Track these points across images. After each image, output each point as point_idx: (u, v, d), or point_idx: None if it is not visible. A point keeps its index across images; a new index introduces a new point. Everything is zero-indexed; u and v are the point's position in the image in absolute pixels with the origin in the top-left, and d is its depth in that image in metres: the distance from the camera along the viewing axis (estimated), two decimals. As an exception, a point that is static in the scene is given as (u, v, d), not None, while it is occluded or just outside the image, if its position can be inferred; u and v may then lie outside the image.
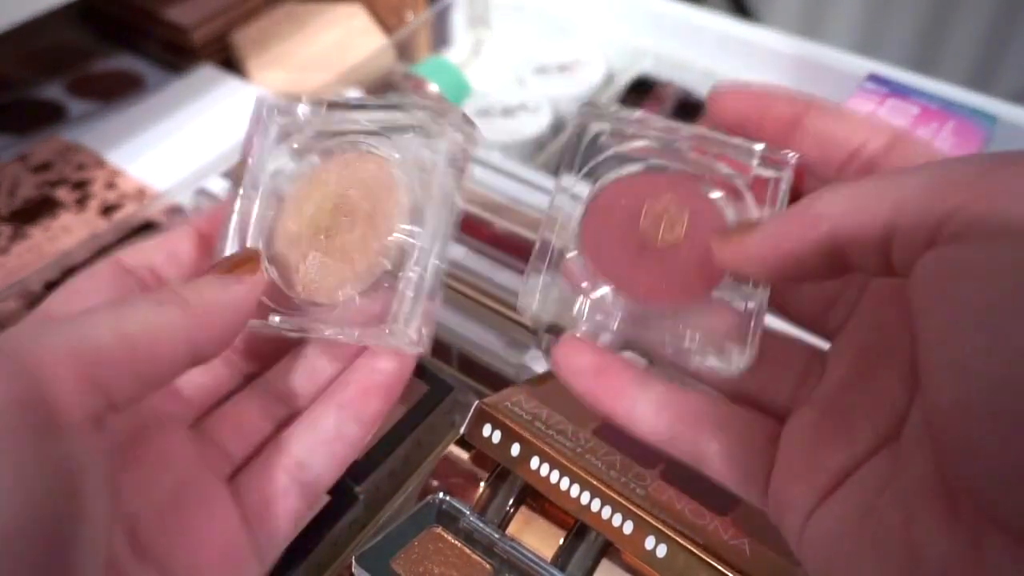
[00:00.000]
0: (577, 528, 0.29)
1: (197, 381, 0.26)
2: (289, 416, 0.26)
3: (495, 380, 0.37)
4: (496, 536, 0.29)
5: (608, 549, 0.29)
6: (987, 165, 0.18)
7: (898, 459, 0.21)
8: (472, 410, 0.30)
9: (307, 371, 0.27)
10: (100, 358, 0.19)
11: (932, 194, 0.19)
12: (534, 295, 0.25)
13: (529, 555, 0.29)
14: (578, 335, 0.25)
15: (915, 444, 0.21)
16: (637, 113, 0.27)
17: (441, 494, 0.30)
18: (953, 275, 0.17)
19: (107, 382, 0.19)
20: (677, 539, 0.26)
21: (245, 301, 0.23)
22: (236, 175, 0.27)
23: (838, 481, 0.22)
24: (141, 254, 0.26)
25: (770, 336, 0.26)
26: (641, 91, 0.53)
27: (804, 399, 0.24)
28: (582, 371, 0.25)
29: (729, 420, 0.24)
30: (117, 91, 0.61)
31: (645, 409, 0.25)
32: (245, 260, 0.25)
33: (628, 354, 0.26)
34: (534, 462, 0.29)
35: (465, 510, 0.30)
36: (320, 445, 0.25)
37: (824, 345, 0.25)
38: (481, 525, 0.29)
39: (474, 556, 0.29)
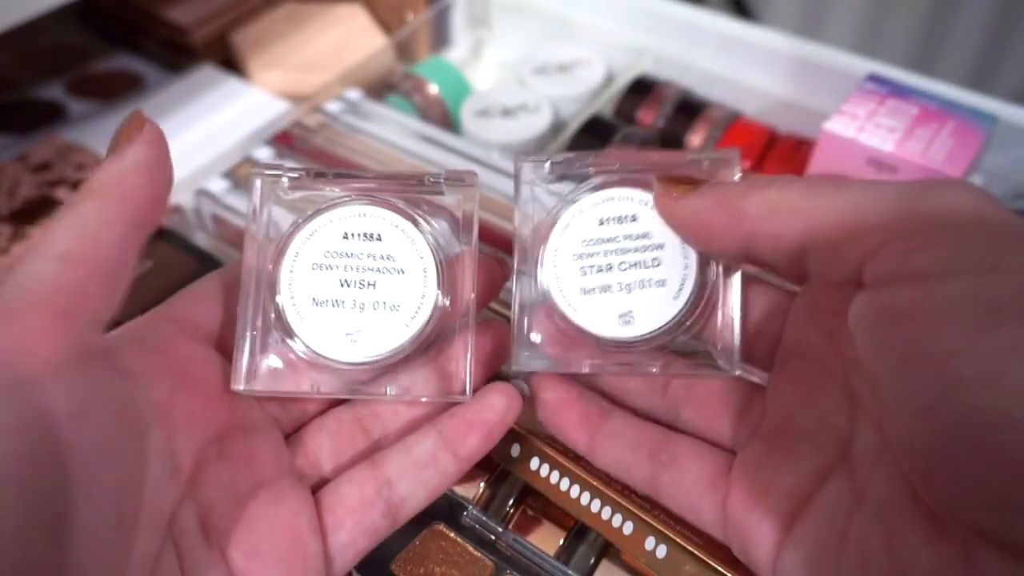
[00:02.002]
0: (577, 529, 0.29)
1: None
2: (383, 431, 0.27)
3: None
4: (500, 530, 0.29)
5: (608, 550, 0.29)
6: (902, 200, 0.19)
7: (855, 482, 0.21)
8: (472, 410, 0.30)
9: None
10: (50, 290, 0.19)
11: (843, 224, 0.19)
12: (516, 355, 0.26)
13: (532, 550, 0.29)
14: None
15: (872, 465, 0.21)
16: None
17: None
18: (894, 322, 0.18)
19: (71, 306, 0.19)
20: (677, 540, 0.26)
21: (149, 156, 0.22)
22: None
23: (794, 507, 0.22)
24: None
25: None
26: (641, 91, 0.53)
27: (749, 432, 0.25)
28: (547, 405, 0.26)
29: (683, 451, 0.25)
30: (117, 91, 0.61)
31: (603, 441, 0.25)
32: (127, 125, 0.23)
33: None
34: (534, 462, 0.29)
35: (467, 504, 0.30)
36: (412, 468, 0.25)
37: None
38: (484, 519, 0.29)
39: (476, 553, 0.29)
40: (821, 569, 0.21)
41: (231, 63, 0.63)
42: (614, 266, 0.25)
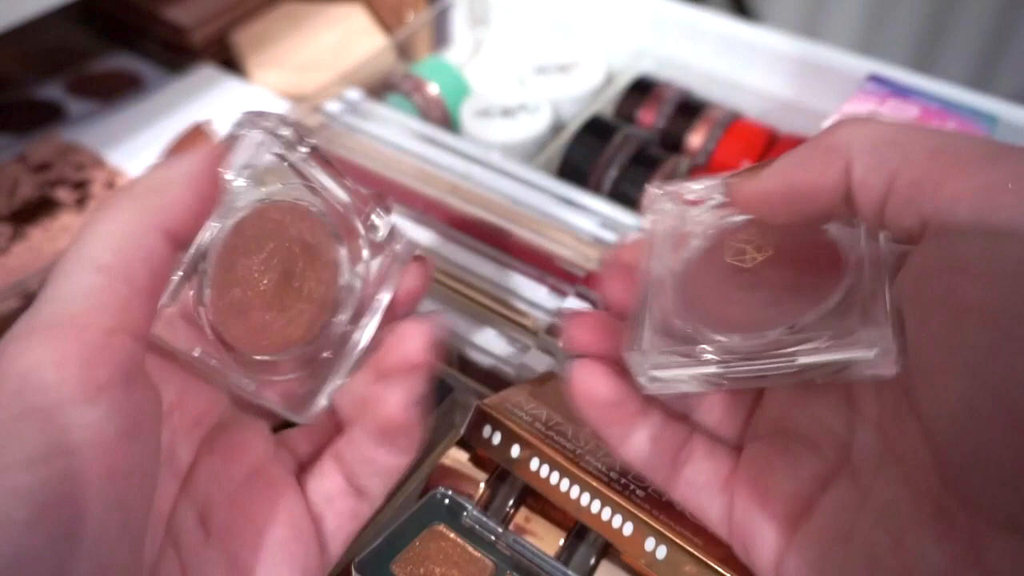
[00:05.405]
0: (577, 529, 0.29)
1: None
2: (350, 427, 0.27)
3: (495, 381, 0.37)
4: (500, 531, 0.29)
5: (608, 550, 0.29)
6: (995, 153, 0.18)
7: (858, 486, 0.21)
8: (472, 411, 0.30)
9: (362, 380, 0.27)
10: (94, 306, 0.18)
11: (935, 164, 0.18)
12: (647, 364, 0.23)
13: (533, 550, 0.29)
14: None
15: (874, 470, 0.21)
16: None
17: (443, 488, 0.30)
18: (956, 272, 0.17)
19: (116, 324, 0.18)
20: (677, 541, 0.26)
21: (200, 170, 0.21)
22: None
23: (798, 511, 0.22)
24: None
25: None
26: (641, 91, 0.53)
27: (752, 435, 0.25)
28: (586, 397, 0.25)
29: (699, 451, 0.25)
30: (117, 91, 0.61)
31: (639, 437, 0.25)
32: (185, 139, 0.23)
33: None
34: (534, 463, 0.29)
35: (467, 505, 0.30)
36: (360, 461, 0.25)
37: None
38: (484, 519, 0.29)
39: (476, 554, 0.29)
40: (825, 573, 0.21)
41: (231, 63, 0.63)
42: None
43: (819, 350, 0.21)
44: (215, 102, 0.58)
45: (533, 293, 0.40)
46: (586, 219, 0.43)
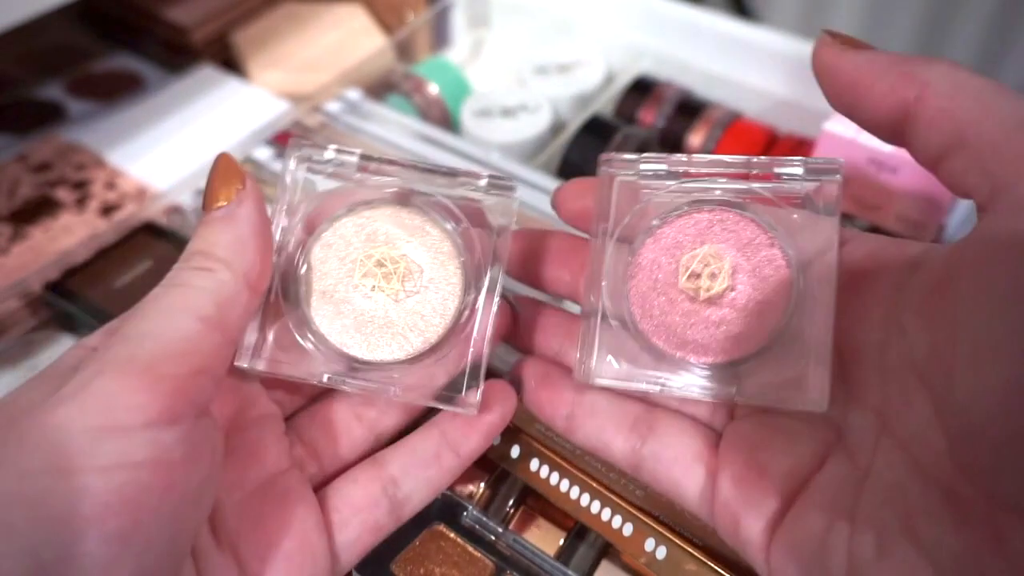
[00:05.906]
0: (577, 529, 0.29)
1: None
2: (378, 419, 0.27)
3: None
4: (500, 531, 0.29)
5: (608, 550, 0.29)
6: None
7: (856, 466, 0.21)
8: (472, 411, 0.30)
9: None
10: (192, 349, 0.21)
11: (1020, 137, 0.18)
12: (591, 368, 0.25)
13: (532, 550, 0.29)
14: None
15: (871, 449, 0.21)
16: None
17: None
18: (1012, 253, 0.17)
19: (206, 366, 0.21)
20: (677, 541, 0.26)
21: (259, 219, 0.23)
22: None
23: (792, 488, 0.22)
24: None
25: None
26: (641, 91, 0.53)
27: (725, 413, 0.25)
28: (527, 384, 0.26)
29: (664, 424, 0.25)
30: (117, 91, 0.61)
31: (581, 417, 0.25)
32: (224, 174, 0.23)
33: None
34: (534, 463, 0.29)
35: (467, 505, 0.30)
36: (415, 467, 0.26)
37: None
38: (484, 519, 0.29)
39: (476, 554, 0.29)
40: (825, 550, 0.20)
41: (231, 63, 0.63)
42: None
43: (755, 396, 0.23)
44: (215, 102, 0.58)
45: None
46: (586, 219, 0.43)
